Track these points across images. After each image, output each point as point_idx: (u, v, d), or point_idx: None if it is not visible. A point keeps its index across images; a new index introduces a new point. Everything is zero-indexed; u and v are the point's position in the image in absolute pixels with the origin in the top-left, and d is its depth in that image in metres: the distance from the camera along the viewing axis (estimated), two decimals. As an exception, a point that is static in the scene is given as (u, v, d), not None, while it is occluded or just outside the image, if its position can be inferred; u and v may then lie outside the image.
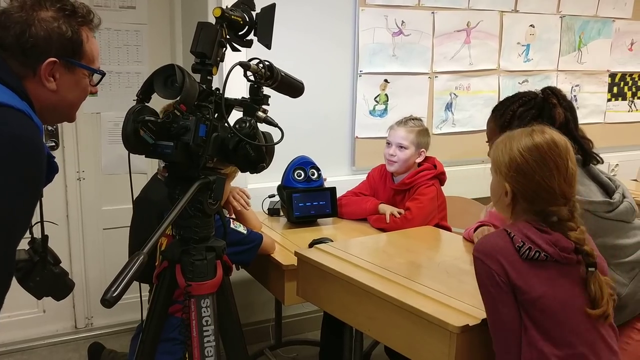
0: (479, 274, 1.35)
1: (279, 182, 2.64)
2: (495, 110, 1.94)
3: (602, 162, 1.80)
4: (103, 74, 1.34)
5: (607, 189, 1.75)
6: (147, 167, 2.96)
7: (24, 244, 1.37)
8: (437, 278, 1.71)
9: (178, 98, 1.27)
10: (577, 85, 3.82)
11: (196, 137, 1.30)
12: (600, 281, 1.32)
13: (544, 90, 1.89)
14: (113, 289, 1.01)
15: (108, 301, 1.00)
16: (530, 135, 1.38)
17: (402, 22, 3.16)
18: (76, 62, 1.26)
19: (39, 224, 1.39)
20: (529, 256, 1.31)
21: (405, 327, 1.54)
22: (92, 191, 3.02)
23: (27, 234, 1.37)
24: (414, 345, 1.53)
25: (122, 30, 2.93)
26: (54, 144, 2.86)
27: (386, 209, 2.57)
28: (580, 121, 1.89)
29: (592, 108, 3.93)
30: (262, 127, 1.44)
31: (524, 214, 1.39)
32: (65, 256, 2.97)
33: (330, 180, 2.77)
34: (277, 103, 1.61)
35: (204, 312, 1.39)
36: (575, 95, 3.82)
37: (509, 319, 1.33)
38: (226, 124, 1.38)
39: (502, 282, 1.31)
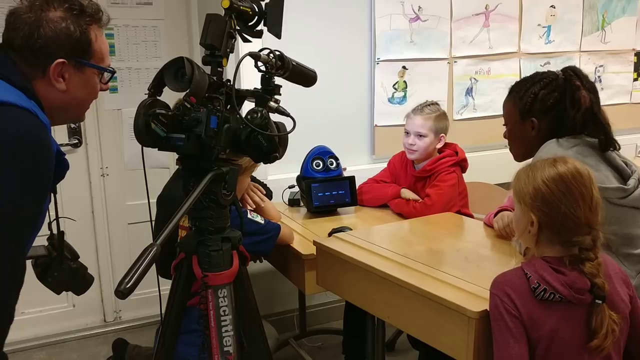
0: (494, 308, 1.36)
1: (298, 173, 2.64)
2: (513, 91, 1.84)
3: (620, 149, 1.74)
4: (113, 72, 1.34)
5: (623, 173, 1.69)
6: (170, 161, 2.99)
7: (43, 240, 1.40)
8: (456, 264, 1.70)
9: (188, 90, 1.28)
10: (601, 66, 3.73)
11: (208, 129, 1.30)
12: (604, 315, 1.31)
13: (565, 70, 1.79)
14: (127, 280, 1.02)
15: (122, 292, 1.01)
16: (553, 165, 1.36)
17: (419, 7, 3.13)
18: (85, 62, 1.26)
19: (60, 219, 1.40)
20: (543, 297, 1.32)
21: (424, 313, 1.54)
22: (116, 187, 3.07)
23: (47, 230, 1.39)
24: (433, 331, 1.52)
25: (139, 26, 2.96)
26: (77, 141, 2.91)
27: (408, 194, 2.56)
28: (605, 102, 1.82)
29: (618, 89, 3.83)
30: (275, 117, 1.45)
31: (548, 244, 1.38)
32: (92, 251, 3.04)
33: (350, 169, 2.76)
34: (295, 94, 1.61)
35: (221, 302, 1.41)
36: (599, 76, 3.73)
37: (519, 354, 1.32)
38: (238, 115, 1.38)
39: (516, 317, 1.32)
